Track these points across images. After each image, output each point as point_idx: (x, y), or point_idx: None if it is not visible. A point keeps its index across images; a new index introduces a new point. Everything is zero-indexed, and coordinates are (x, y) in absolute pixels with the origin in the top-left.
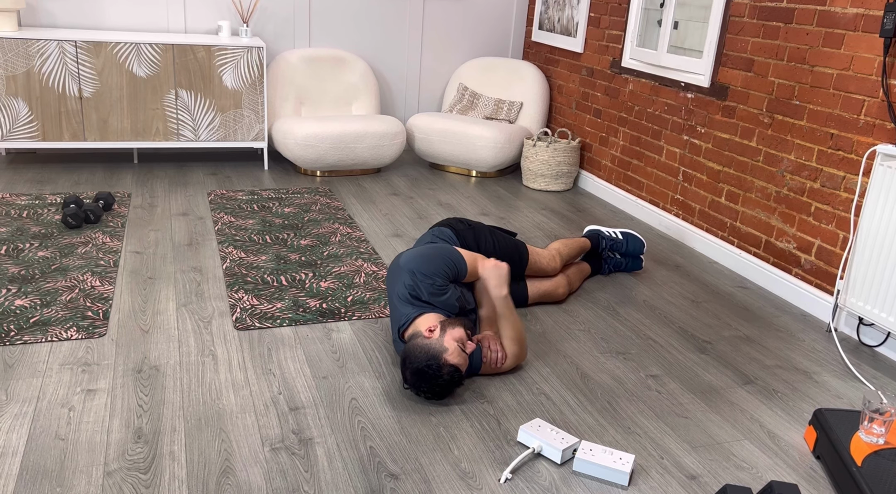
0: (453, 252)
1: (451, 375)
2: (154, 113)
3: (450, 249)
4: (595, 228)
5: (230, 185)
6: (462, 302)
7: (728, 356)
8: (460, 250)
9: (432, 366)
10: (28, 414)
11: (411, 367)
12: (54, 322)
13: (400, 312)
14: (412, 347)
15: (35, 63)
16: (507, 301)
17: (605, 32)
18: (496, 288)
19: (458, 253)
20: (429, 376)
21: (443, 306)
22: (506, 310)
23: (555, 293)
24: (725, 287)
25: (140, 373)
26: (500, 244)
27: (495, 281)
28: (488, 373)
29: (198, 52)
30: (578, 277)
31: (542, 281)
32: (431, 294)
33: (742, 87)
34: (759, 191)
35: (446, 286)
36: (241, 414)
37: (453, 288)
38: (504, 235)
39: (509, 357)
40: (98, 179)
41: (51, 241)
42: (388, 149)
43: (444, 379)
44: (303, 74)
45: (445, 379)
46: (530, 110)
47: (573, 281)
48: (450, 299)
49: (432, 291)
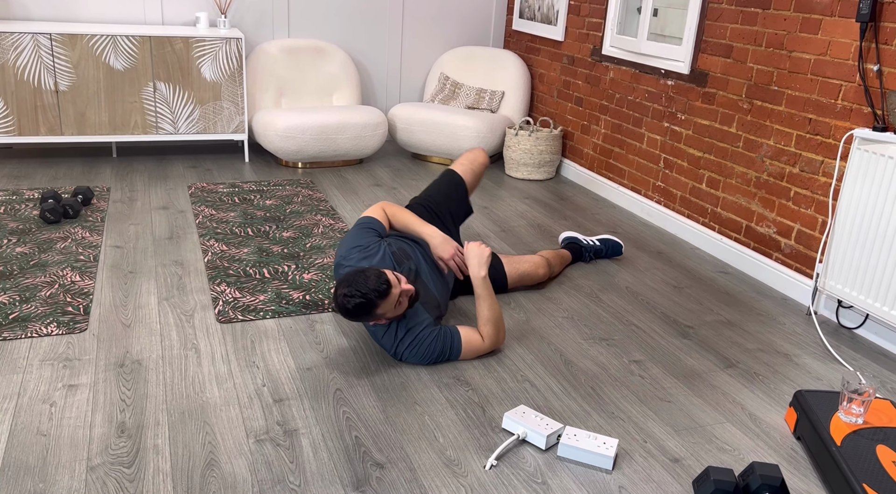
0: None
1: (377, 277)
2: (132, 106)
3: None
4: (572, 236)
5: (211, 178)
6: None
7: (710, 340)
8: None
9: (364, 270)
10: (9, 411)
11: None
12: (34, 318)
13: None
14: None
15: (9, 56)
16: (486, 282)
17: (586, 20)
18: (475, 268)
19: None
20: (356, 276)
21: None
22: (483, 291)
23: (534, 274)
24: (707, 272)
25: (122, 368)
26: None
27: (476, 260)
28: (468, 359)
29: (175, 43)
30: (559, 261)
31: (520, 262)
32: (360, 259)
33: (721, 74)
34: (740, 176)
35: (369, 247)
36: (225, 407)
37: (377, 250)
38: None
39: (486, 340)
40: (76, 174)
41: (29, 237)
42: (369, 140)
43: (370, 280)
44: (282, 65)
45: (371, 280)
46: (512, 99)
47: (553, 263)
48: (383, 259)
49: (360, 257)
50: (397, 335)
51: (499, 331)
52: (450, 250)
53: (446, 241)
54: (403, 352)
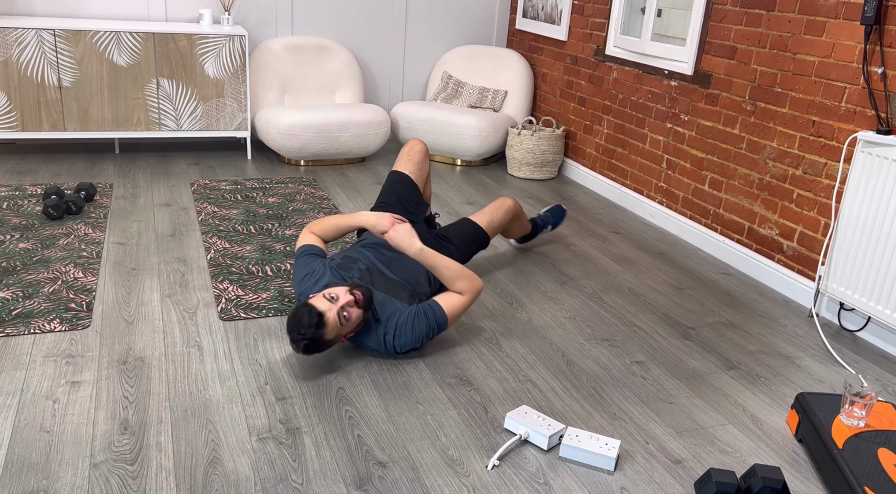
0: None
1: (308, 313)
2: (135, 102)
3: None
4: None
5: (213, 175)
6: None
7: (712, 342)
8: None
9: (296, 311)
10: (12, 407)
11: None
12: (37, 314)
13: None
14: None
15: (13, 52)
16: (427, 251)
17: (589, 20)
18: (408, 247)
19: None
20: (291, 321)
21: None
22: (431, 260)
23: (506, 208)
24: (709, 273)
25: (125, 365)
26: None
27: (402, 241)
28: (459, 317)
29: (179, 40)
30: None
31: (491, 212)
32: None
33: (725, 75)
34: (742, 178)
35: (312, 274)
36: (227, 405)
37: (323, 269)
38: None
39: (464, 294)
40: (79, 170)
41: (32, 233)
42: (372, 138)
43: (302, 319)
44: (286, 63)
45: (304, 318)
46: (515, 99)
47: (517, 211)
48: (330, 280)
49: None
50: (378, 333)
51: (471, 280)
52: (386, 222)
53: (379, 217)
54: (394, 344)
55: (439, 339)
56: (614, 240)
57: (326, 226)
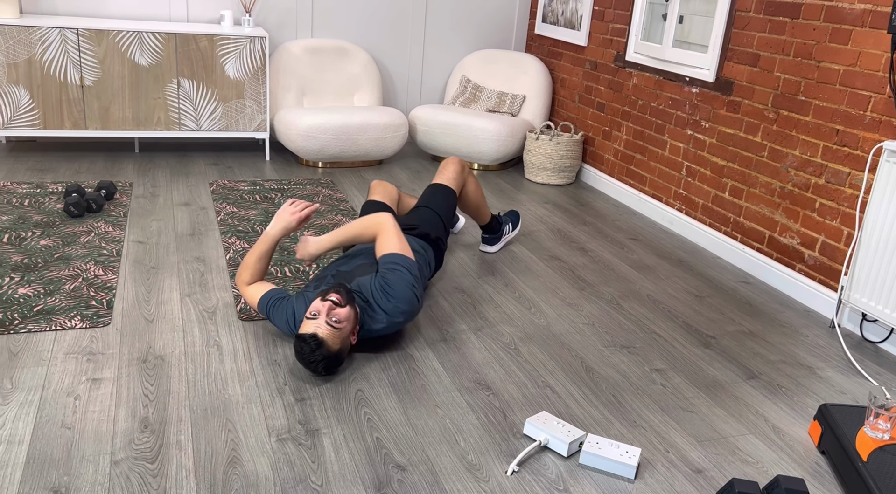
0: None
1: (307, 339)
2: (156, 102)
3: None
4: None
5: (232, 176)
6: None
7: (732, 351)
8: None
9: (296, 346)
10: (34, 403)
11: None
12: (58, 311)
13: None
14: None
15: (36, 51)
16: (324, 242)
17: (610, 26)
18: (307, 251)
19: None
20: (299, 356)
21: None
22: (338, 241)
23: (446, 162)
24: (729, 282)
25: (145, 363)
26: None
27: (303, 253)
28: (400, 241)
29: (200, 41)
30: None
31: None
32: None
33: (747, 82)
34: (764, 186)
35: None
36: (247, 405)
37: (295, 304)
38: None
39: (381, 231)
40: (99, 168)
41: (53, 230)
42: (390, 141)
43: (305, 346)
44: (305, 65)
45: (307, 345)
46: (533, 103)
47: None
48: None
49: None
50: (377, 311)
51: (374, 220)
52: (288, 216)
53: (280, 218)
54: (396, 309)
55: (457, 342)
56: (633, 247)
57: (250, 267)
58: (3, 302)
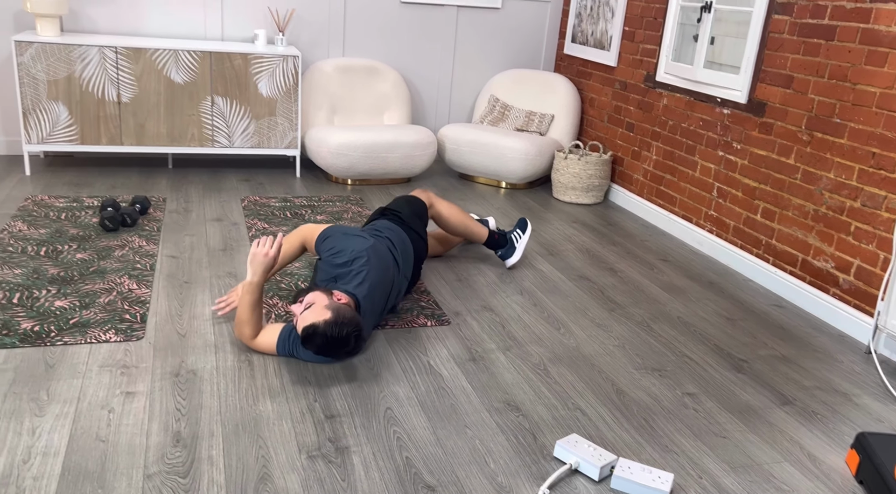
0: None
1: (321, 334)
2: (190, 119)
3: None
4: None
5: (263, 192)
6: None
7: (765, 375)
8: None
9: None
10: (69, 415)
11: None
12: (93, 324)
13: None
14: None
15: (76, 68)
16: (258, 276)
17: (640, 46)
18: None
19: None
20: (330, 342)
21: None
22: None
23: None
24: (761, 305)
25: (178, 377)
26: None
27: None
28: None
29: (234, 59)
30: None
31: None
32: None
33: (780, 104)
34: (797, 208)
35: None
36: (277, 421)
37: (290, 327)
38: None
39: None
40: (133, 183)
41: (89, 243)
42: (418, 159)
43: (332, 339)
44: (336, 83)
45: (338, 330)
46: (561, 122)
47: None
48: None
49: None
50: (345, 269)
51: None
52: (263, 259)
53: (256, 264)
54: (352, 255)
55: (486, 362)
56: (663, 268)
57: (247, 321)
58: (41, 315)
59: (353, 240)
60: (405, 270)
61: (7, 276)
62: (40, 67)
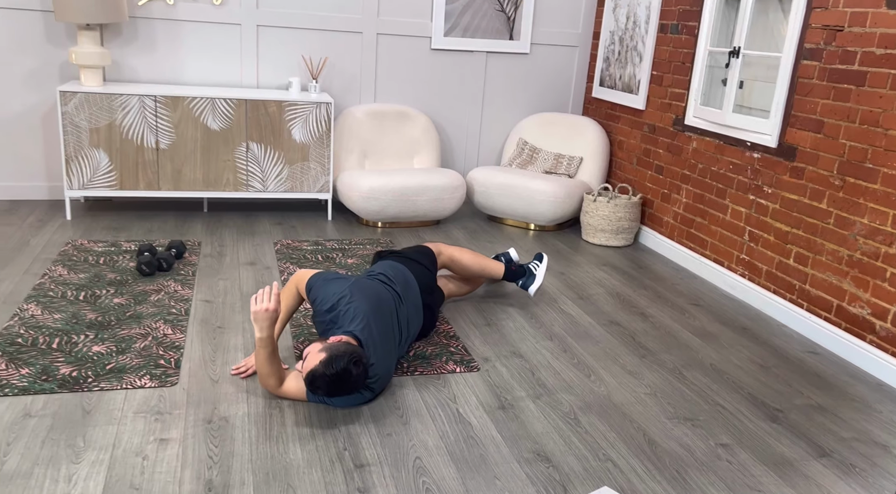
0: None
1: (319, 371)
2: (225, 164)
3: None
4: (511, 257)
5: (295, 235)
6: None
7: (801, 426)
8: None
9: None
10: (104, 462)
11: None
12: (129, 369)
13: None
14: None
15: (117, 116)
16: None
17: (668, 90)
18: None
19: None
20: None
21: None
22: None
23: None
24: (795, 352)
25: (210, 424)
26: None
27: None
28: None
29: (269, 106)
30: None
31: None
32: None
33: (811, 149)
34: (830, 253)
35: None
36: (307, 469)
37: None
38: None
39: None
40: (170, 227)
41: (126, 288)
42: (448, 202)
43: (339, 375)
44: (367, 128)
45: (337, 375)
46: (590, 165)
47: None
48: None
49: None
50: (338, 314)
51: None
52: (266, 315)
53: (260, 319)
54: (334, 298)
55: (515, 410)
56: (694, 313)
57: (269, 373)
58: (79, 360)
59: (333, 284)
60: (410, 297)
61: (48, 321)
62: (83, 116)
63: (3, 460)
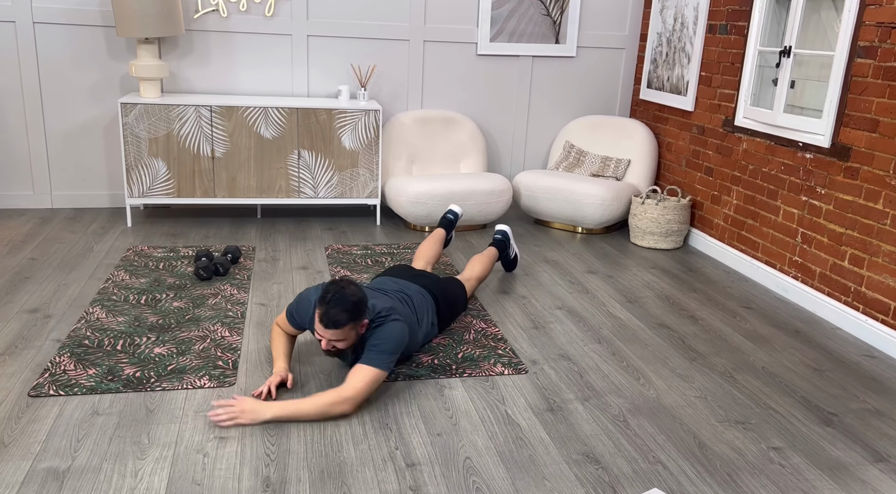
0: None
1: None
2: (278, 171)
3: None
4: (504, 233)
5: (346, 240)
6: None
7: (857, 430)
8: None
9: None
10: (168, 458)
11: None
12: (189, 370)
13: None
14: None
15: (174, 126)
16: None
17: (717, 91)
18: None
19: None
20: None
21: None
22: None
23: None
24: (851, 355)
25: (267, 423)
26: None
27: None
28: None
29: (320, 115)
30: (482, 269)
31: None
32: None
33: (866, 148)
34: (887, 255)
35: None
36: (360, 468)
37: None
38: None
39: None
40: (225, 233)
41: (184, 292)
42: (494, 206)
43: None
44: (415, 134)
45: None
46: (638, 167)
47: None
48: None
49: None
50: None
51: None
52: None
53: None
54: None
55: (564, 412)
56: (745, 315)
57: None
58: (142, 361)
59: (305, 295)
60: (405, 277)
61: (112, 324)
62: (143, 126)
63: (73, 455)
